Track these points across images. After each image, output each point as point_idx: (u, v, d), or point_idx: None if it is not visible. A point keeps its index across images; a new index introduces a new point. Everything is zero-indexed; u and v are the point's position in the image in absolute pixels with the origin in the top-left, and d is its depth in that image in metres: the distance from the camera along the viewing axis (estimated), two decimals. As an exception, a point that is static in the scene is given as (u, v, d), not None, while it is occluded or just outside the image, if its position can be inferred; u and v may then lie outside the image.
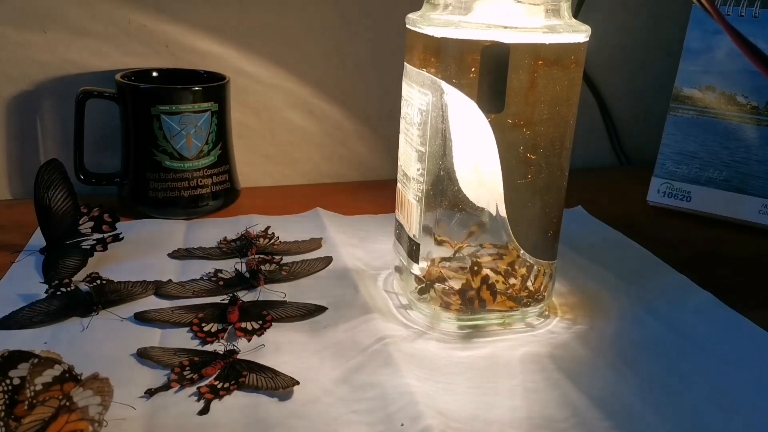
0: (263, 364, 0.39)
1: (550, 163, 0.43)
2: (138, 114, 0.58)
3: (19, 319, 0.43)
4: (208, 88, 0.60)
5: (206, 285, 0.49)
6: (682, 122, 0.68)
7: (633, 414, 0.37)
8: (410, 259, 0.46)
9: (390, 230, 0.52)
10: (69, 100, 0.61)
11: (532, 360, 0.42)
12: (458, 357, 0.42)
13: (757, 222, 0.64)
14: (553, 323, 0.46)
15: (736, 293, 0.50)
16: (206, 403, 0.36)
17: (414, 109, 0.43)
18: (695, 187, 0.67)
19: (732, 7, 0.65)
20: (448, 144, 0.42)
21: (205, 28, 0.66)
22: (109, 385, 0.32)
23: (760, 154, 0.64)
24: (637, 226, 0.63)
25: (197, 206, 0.61)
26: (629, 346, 0.44)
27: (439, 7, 0.42)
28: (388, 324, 0.45)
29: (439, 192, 0.43)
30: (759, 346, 0.44)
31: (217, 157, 0.61)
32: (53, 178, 0.51)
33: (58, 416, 0.30)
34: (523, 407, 0.37)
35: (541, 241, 0.45)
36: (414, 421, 0.35)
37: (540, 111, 0.41)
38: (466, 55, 0.40)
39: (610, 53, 0.80)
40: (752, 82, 0.64)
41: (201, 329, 0.43)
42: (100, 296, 0.45)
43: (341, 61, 0.71)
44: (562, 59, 0.41)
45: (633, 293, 0.50)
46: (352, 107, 0.73)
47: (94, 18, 0.63)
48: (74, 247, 0.50)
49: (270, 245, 0.55)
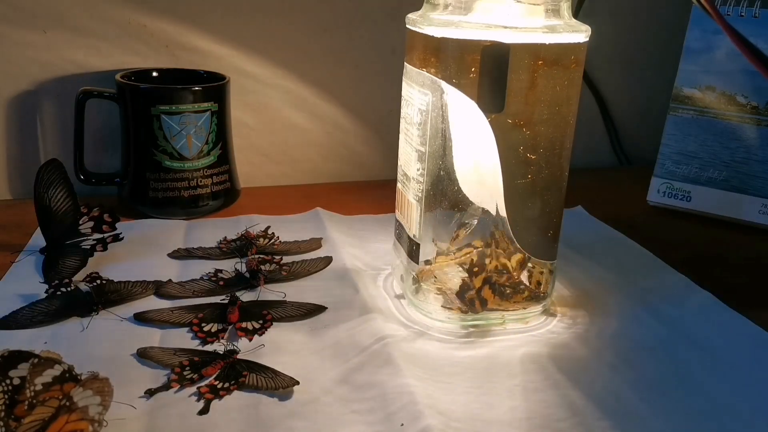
0: (263, 364, 0.39)
1: (550, 163, 0.43)
2: (138, 114, 0.58)
3: (19, 319, 0.43)
4: (208, 88, 0.60)
5: (206, 285, 0.49)
6: (682, 122, 0.68)
7: (633, 414, 0.37)
8: (410, 259, 0.46)
9: (390, 230, 0.52)
10: (69, 100, 0.61)
11: (532, 360, 0.42)
12: (458, 357, 0.42)
13: (757, 222, 0.64)
14: (553, 323, 0.46)
15: (736, 293, 0.50)
16: (206, 403, 0.36)
17: (414, 109, 0.43)
18: (695, 187, 0.67)
19: (732, 7, 0.65)
20: (448, 144, 0.42)
21: (205, 28, 0.66)
22: (109, 385, 0.32)
23: (760, 154, 0.64)
24: (637, 226, 0.63)
25: (197, 206, 0.61)
26: (629, 346, 0.44)
27: (439, 7, 0.42)
28: (388, 324, 0.45)
29: (439, 192, 0.43)
30: (759, 346, 0.44)
31: (217, 157, 0.61)
32: (53, 178, 0.51)
33: (58, 416, 0.30)
34: (523, 407, 0.37)
35: (541, 241, 0.45)
36: (414, 421, 0.35)
37: (540, 111, 0.41)
38: (466, 55, 0.40)
39: (610, 53, 0.80)
40: (752, 82, 0.64)
41: (201, 329, 0.43)
42: (100, 296, 0.45)
43: (341, 61, 0.71)
44: (562, 59, 0.41)
45: (633, 293, 0.50)
46: (352, 107, 0.73)
47: (94, 18, 0.63)
48: (74, 247, 0.50)
49: (270, 245, 0.55)
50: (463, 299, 0.44)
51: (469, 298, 0.44)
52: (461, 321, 0.45)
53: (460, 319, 0.45)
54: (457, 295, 0.44)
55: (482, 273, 0.44)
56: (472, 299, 0.44)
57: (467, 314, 0.45)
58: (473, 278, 0.44)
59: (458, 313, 0.45)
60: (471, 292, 0.44)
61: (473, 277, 0.44)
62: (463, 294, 0.44)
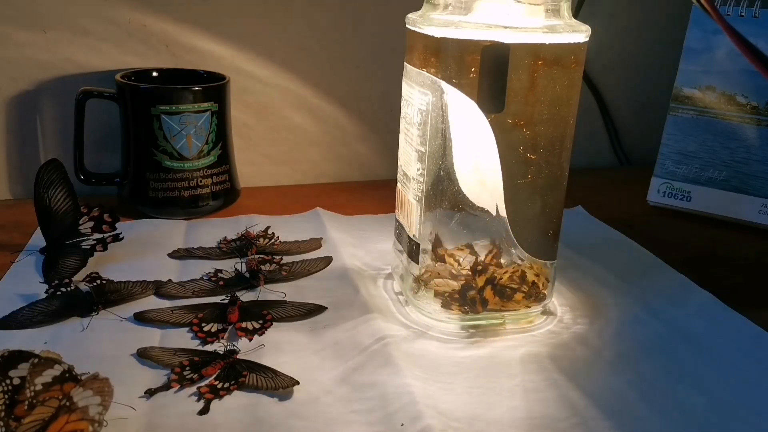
0: (263, 364, 0.40)
1: (550, 163, 0.43)
2: (138, 114, 0.58)
3: (19, 319, 0.43)
4: (208, 88, 0.60)
5: (206, 285, 0.49)
6: (682, 122, 0.68)
7: (633, 414, 0.37)
8: (410, 259, 0.46)
9: (390, 230, 0.52)
10: (69, 100, 0.61)
11: (532, 360, 0.42)
12: (458, 357, 0.42)
13: (757, 222, 0.64)
14: (553, 323, 0.46)
15: (736, 293, 0.50)
16: (206, 403, 0.36)
17: (414, 109, 0.43)
18: (695, 187, 0.67)
19: (732, 7, 0.65)
20: (448, 144, 0.42)
21: (205, 28, 0.66)
22: (109, 385, 0.32)
23: (760, 154, 0.64)
24: (637, 226, 0.63)
25: (197, 206, 0.61)
26: (629, 346, 0.44)
27: (439, 7, 0.42)
28: (388, 324, 0.45)
29: (439, 192, 0.43)
30: (759, 345, 0.44)
31: (217, 157, 0.61)
32: (53, 178, 0.51)
33: (58, 416, 0.30)
34: (523, 407, 0.37)
35: (541, 241, 0.45)
36: (414, 421, 0.35)
37: (540, 111, 0.41)
38: (466, 55, 0.40)
39: (610, 53, 0.80)
40: (752, 82, 0.64)
41: (201, 329, 0.43)
42: (100, 296, 0.45)
43: (341, 61, 0.71)
44: (562, 59, 0.41)
45: (633, 293, 0.50)
46: (352, 107, 0.73)
47: (94, 18, 0.63)
48: (74, 247, 0.50)
49: (270, 245, 0.55)
50: (464, 299, 0.44)
51: (470, 298, 0.44)
52: (461, 321, 0.45)
53: (460, 319, 0.45)
54: (458, 295, 0.44)
55: (486, 273, 0.44)
56: (473, 299, 0.44)
57: (467, 314, 0.45)
58: (477, 277, 0.44)
59: (458, 313, 0.45)
60: (472, 292, 0.44)
61: (477, 276, 0.44)
62: (464, 294, 0.44)
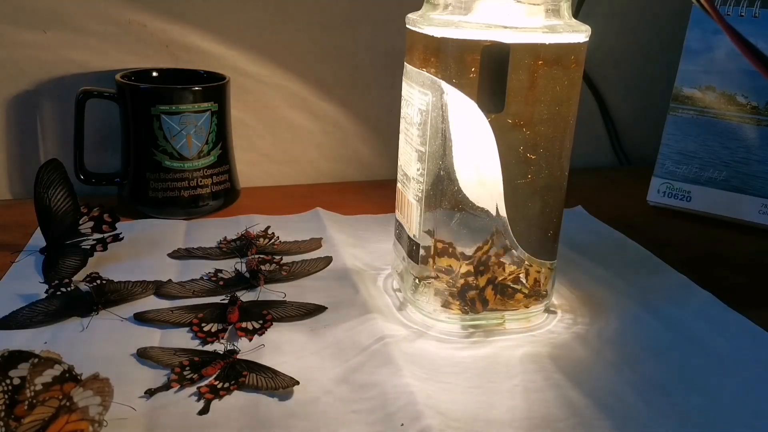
0: (263, 364, 0.39)
1: (550, 163, 0.43)
2: (138, 114, 0.58)
3: (19, 319, 0.43)
4: (208, 88, 0.60)
5: (206, 285, 0.49)
6: (682, 122, 0.68)
7: (633, 414, 0.37)
8: (410, 259, 0.46)
9: (390, 230, 0.52)
10: (69, 100, 0.61)
11: (532, 360, 0.42)
12: (458, 357, 0.42)
13: (757, 222, 0.64)
14: (553, 323, 0.46)
15: (736, 293, 0.50)
16: (206, 403, 0.36)
17: (414, 109, 0.43)
18: (695, 187, 0.67)
19: (732, 7, 0.65)
20: (448, 144, 0.42)
21: (205, 28, 0.66)
22: (109, 385, 0.32)
23: (760, 154, 0.64)
24: (637, 226, 0.63)
25: (197, 206, 0.61)
26: (629, 346, 0.44)
27: (439, 7, 0.42)
28: (388, 324, 0.45)
29: (439, 192, 0.43)
30: (759, 345, 0.44)
31: (217, 157, 0.61)
32: (53, 178, 0.51)
33: (58, 416, 0.30)
34: (523, 407, 0.37)
35: (541, 241, 0.45)
36: (414, 421, 0.35)
37: (540, 111, 0.41)
38: (466, 55, 0.40)
39: (610, 53, 0.80)
40: (752, 82, 0.64)
41: (201, 329, 0.43)
42: (100, 296, 0.45)
43: (341, 61, 0.71)
44: (562, 59, 0.41)
45: (633, 293, 0.50)
46: (352, 107, 0.73)
47: (94, 18, 0.63)
48: (74, 247, 0.50)
49: (270, 245, 0.55)
50: (464, 299, 0.44)
51: (470, 298, 0.44)
52: (461, 321, 0.45)
53: (460, 319, 0.45)
54: (458, 295, 0.44)
55: (487, 273, 0.44)
56: (473, 299, 0.44)
57: (467, 314, 0.45)
58: (478, 277, 0.44)
59: (458, 313, 0.45)
60: (472, 292, 0.44)
61: (478, 276, 0.44)
62: (464, 294, 0.44)
